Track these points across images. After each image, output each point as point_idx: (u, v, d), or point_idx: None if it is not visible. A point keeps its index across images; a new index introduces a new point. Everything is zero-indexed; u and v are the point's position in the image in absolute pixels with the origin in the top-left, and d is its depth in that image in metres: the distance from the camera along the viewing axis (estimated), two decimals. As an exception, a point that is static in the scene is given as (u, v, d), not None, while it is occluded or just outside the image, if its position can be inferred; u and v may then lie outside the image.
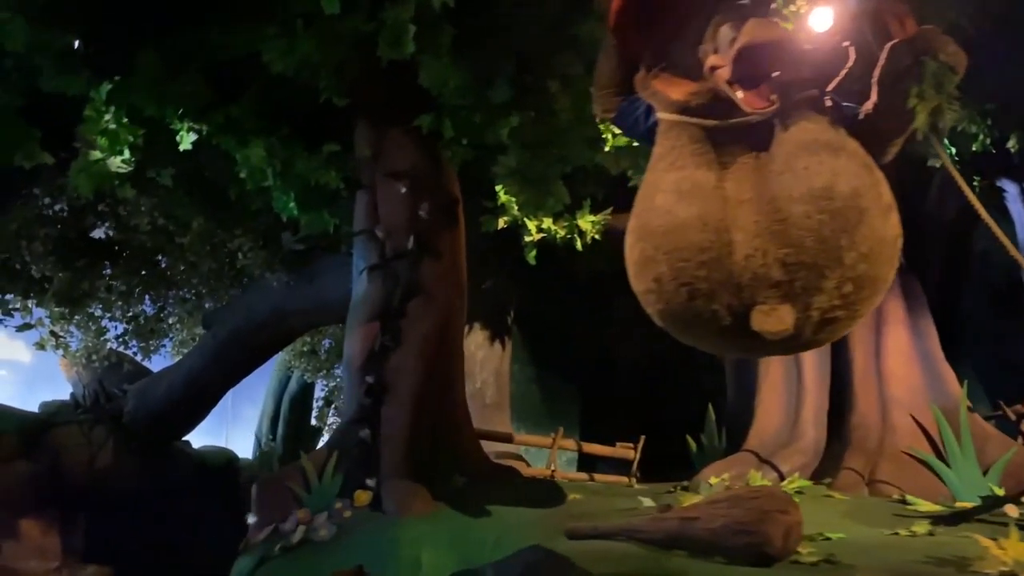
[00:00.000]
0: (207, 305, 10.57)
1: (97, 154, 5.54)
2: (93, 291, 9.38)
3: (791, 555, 3.55)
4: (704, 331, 2.49)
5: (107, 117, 5.51)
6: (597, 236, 7.54)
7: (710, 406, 6.90)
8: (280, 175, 6.29)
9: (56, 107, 5.73)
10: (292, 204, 6.52)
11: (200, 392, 10.48)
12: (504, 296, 9.59)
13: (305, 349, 13.63)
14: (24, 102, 5.63)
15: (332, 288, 8.76)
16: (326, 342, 13.48)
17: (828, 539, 4.10)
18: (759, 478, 5.86)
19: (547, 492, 5.55)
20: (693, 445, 6.83)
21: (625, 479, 7.25)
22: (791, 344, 2.46)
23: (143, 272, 9.67)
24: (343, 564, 4.61)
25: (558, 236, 7.37)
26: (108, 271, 9.42)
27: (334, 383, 14.42)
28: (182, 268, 9.59)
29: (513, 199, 6.38)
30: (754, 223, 2.35)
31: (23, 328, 9.53)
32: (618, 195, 7.04)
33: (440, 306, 6.03)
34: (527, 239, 7.11)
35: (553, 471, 6.88)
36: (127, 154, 5.58)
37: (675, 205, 2.44)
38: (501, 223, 6.74)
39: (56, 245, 8.65)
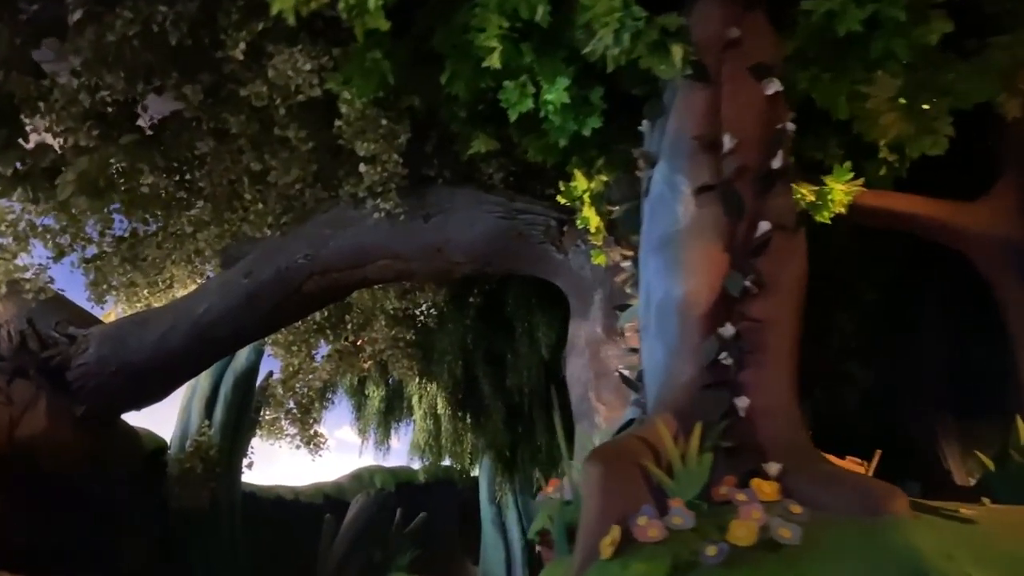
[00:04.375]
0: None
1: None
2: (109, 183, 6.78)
3: None
4: None
5: None
6: (843, 210, 6.40)
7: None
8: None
9: None
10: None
11: (209, 346, 8.06)
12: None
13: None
14: None
15: (456, 229, 6.97)
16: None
17: None
18: None
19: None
20: (990, 463, 5.75)
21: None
22: None
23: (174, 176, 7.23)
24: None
25: (803, 200, 6.14)
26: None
27: (297, 360, 12.03)
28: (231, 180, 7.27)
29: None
30: None
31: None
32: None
33: (800, 248, 4.59)
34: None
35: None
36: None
37: None
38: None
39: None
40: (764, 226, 4.43)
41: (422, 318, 11.36)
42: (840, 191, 6.35)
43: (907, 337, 7.97)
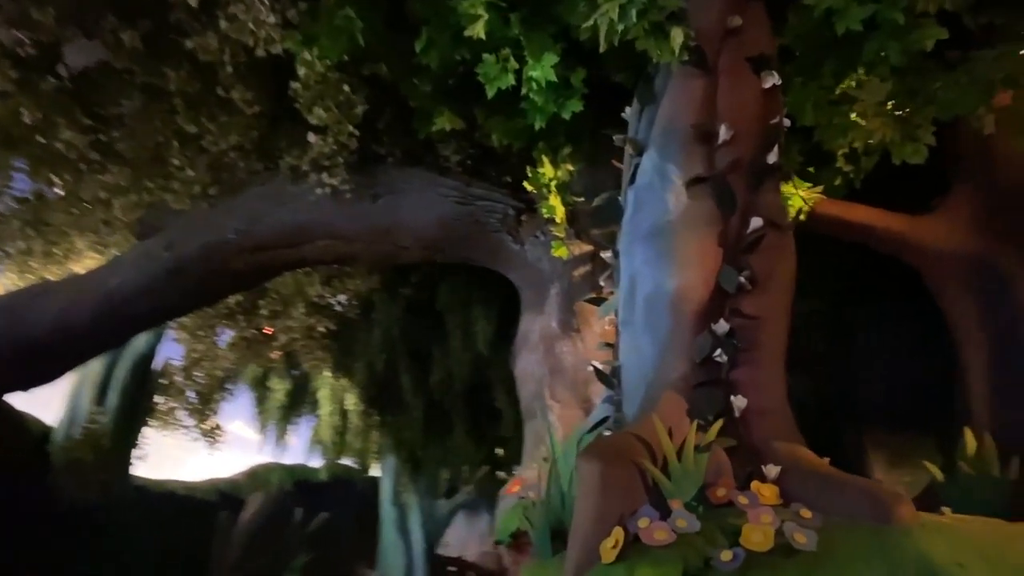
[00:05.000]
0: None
1: None
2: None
3: None
4: None
5: None
6: (803, 217, 6.42)
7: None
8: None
9: None
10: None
11: (121, 323, 7.34)
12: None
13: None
14: None
15: (408, 212, 6.61)
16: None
17: None
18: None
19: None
20: (939, 474, 5.81)
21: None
22: None
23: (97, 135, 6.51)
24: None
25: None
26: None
27: (202, 346, 11.19)
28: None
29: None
30: None
31: None
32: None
33: (791, 246, 4.48)
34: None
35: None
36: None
37: None
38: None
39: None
40: (757, 222, 4.29)
41: (343, 307, 10.83)
42: (800, 198, 6.38)
43: (843, 347, 8.10)
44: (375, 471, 19.41)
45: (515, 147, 6.13)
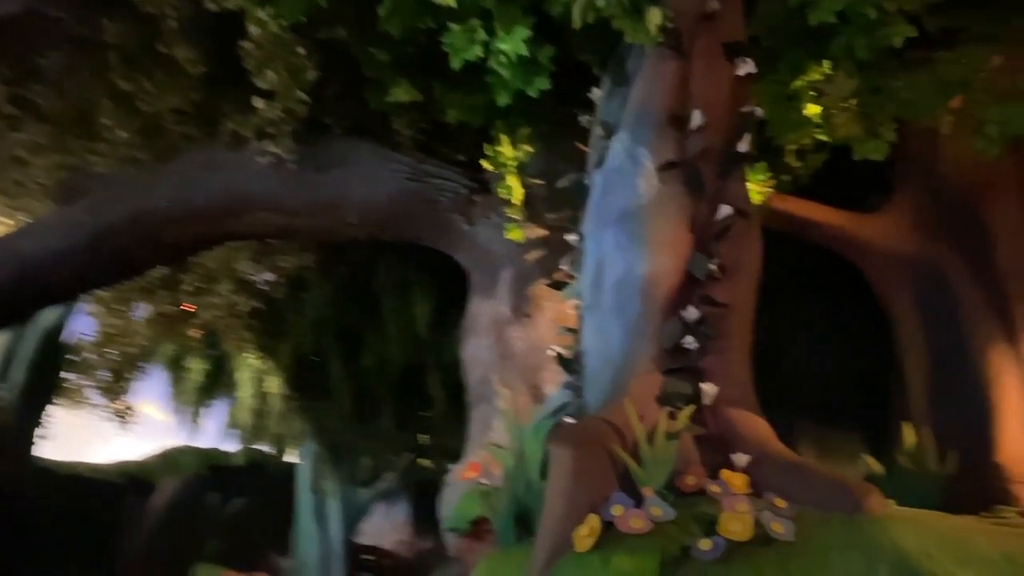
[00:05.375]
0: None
1: None
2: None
3: None
4: None
5: None
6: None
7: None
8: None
9: None
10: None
11: (37, 292, 6.82)
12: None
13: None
14: None
15: (356, 186, 6.37)
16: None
17: None
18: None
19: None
20: (878, 467, 5.92)
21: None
22: None
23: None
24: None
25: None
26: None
27: (118, 321, 10.50)
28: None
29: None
30: None
31: None
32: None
33: (758, 235, 4.47)
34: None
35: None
36: None
37: None
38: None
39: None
40: (726, 210, 4.26)
41: (271, 286, 10.39)
42: (754, 191, 6.41)
43: (773, 340, 8.21)
44: (292, 457, 18.91)
45: (472, 125, 5.96)
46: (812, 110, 5.05)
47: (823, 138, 5.45)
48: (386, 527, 21.62)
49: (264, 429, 16.31)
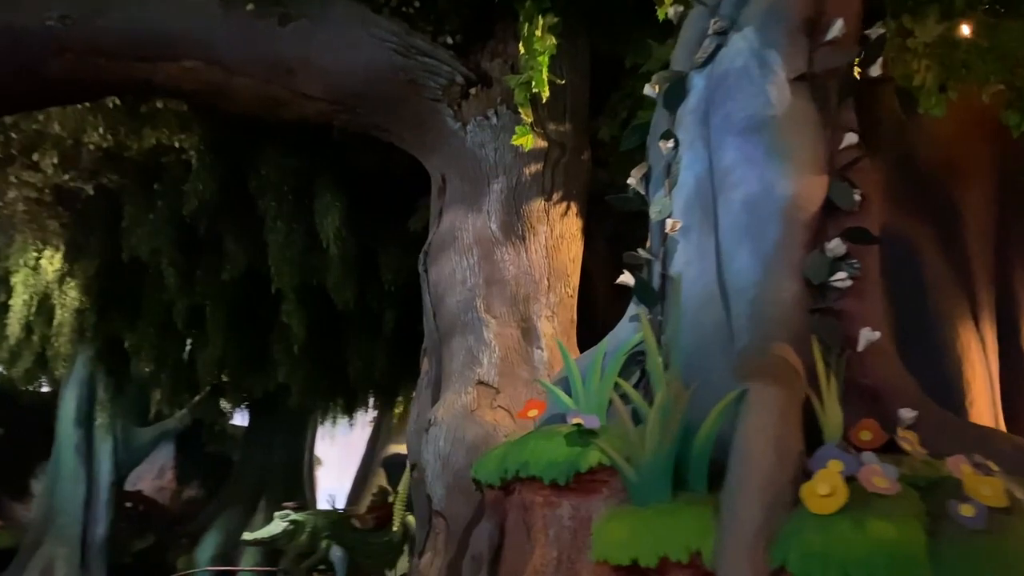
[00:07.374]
0: None
1: None
2: None
3: None
4: None
5: None
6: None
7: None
8: None
9: None
10: None
11: None
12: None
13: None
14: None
15: (325, 48, 5.16)
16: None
17: None
18: None
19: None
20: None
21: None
22: None
23: None
24: None
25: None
26: None
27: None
28: None
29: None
30: None
31: None
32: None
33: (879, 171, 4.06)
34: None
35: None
36: None
37: None
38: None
39: None
40: (851, 138, 3.78)
41: (113, 167, 8.36)
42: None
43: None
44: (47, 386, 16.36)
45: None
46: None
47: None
48: (145, 471, 19.52)
49: (30, 349, 13.66)
